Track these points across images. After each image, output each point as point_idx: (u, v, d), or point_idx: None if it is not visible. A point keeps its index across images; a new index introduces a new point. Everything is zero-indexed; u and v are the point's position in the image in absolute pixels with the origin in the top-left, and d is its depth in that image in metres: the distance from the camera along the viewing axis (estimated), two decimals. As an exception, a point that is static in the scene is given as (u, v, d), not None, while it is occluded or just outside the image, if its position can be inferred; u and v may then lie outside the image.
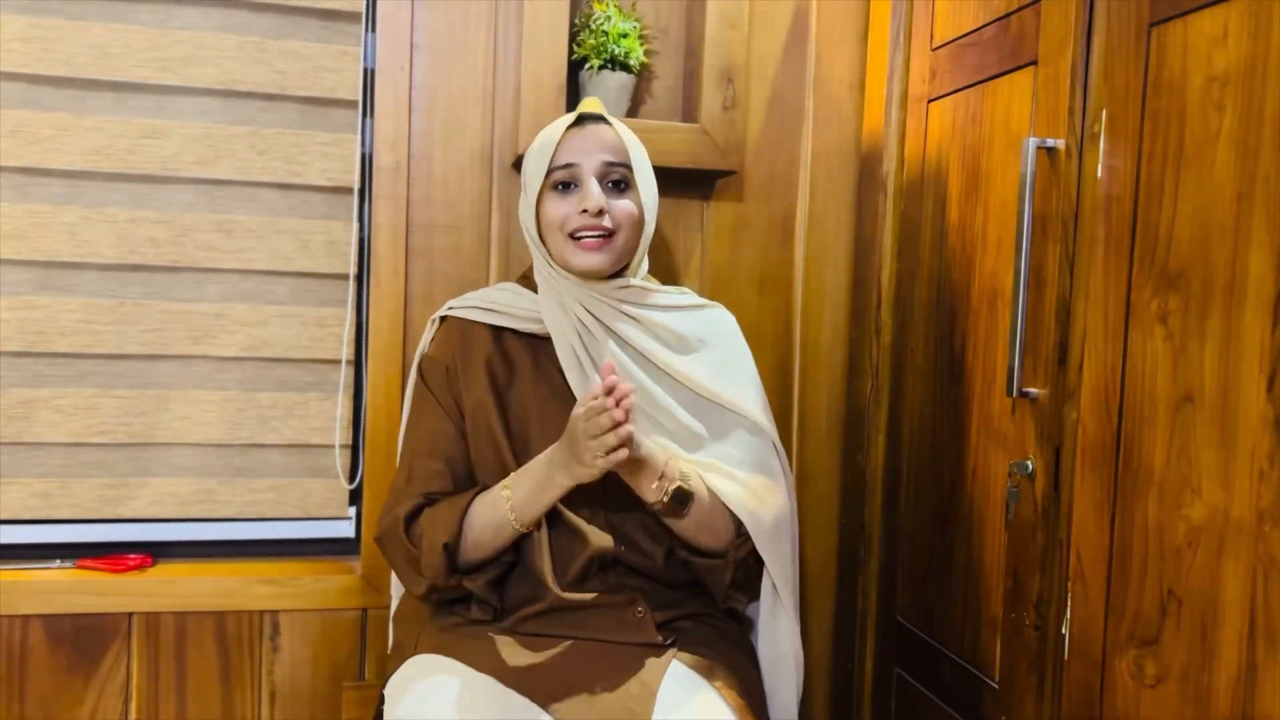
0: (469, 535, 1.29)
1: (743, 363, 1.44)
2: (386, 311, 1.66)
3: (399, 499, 1.34)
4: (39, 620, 1.58)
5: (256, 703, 1.66)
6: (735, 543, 1.32)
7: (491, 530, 1.28)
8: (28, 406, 1.59)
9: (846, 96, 1.82)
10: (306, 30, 1.65)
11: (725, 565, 1.32)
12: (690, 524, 1.28)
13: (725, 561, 1.32)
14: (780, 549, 1.35)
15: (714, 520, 1.30)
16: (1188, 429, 1.04)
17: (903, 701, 1.63)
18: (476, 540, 1.29)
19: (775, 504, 1.34)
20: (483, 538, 1.29)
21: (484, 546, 1.29)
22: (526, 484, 1.27)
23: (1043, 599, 1.26)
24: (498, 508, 1.28)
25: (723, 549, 1.32)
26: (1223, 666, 0.99)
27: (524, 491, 1.27)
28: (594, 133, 1.36)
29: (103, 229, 1.60)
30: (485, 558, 1.30)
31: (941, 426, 1.53)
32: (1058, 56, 1.25)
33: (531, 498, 1.26)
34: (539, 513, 1.28)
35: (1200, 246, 1.03)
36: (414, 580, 1.32)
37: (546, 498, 1.26)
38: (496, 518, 1.28)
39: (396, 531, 1.32)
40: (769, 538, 1.33)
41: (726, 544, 1.32)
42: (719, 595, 1.36)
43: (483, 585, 1.30)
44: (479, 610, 1.31)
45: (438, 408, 1.38)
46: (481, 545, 1.29)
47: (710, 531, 1.31)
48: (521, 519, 1.27)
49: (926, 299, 1.59)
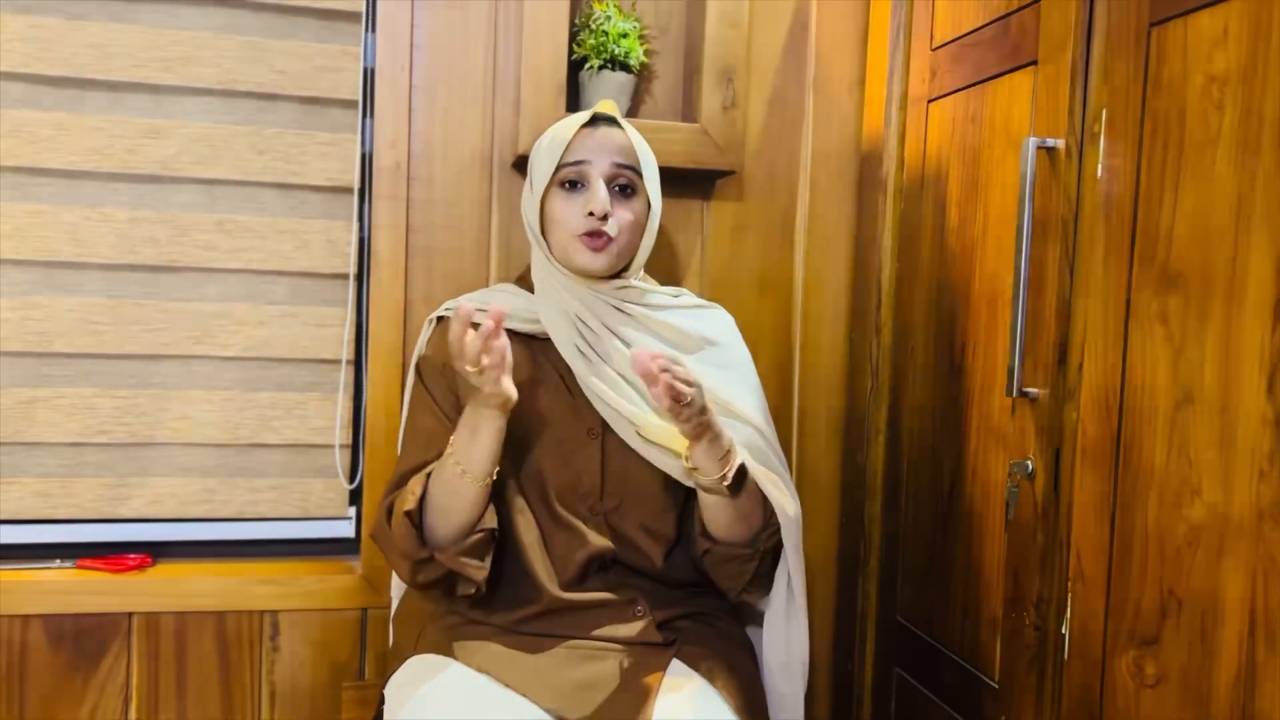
0: (431, 501, 1.26)
1: (744, 366, 1.44)
2: (386, 311, 1.66)
3: (386, 495, 1.34)
4: (39, 620, 1.58)
5: (256, 703, 1.66)
6: (764, 534, 1.32)
7: (448, 491, 1.25)
8: (28, 406, 1.59)
9: (846, 96, 1.82)
10: (306, 30, 1.65)
11: (752, 555, 1.31)
12: (735, 509, 1.28)
13: (753, 551, 1.31)
14: (799, 546, 1.35)
15: (752, 508, 1.30)
16: (1188, 429, 1.04)
17: (903, 701, 1.63)
18: (440, 505, 1.26)
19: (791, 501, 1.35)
20: (442, 500, 1.26)
21: (448, 510, 1.26)
22: (463, 431, 1.25)
23: (1043, 599, 1.26)
24: (445, 463, 1.26)
25: (751, 538, 1.32)
26: (1223, 666, 0.99)
27: (461, 438, 1.25)
28: (606, 135, 1.35)
29: (103, 229, 1.60)
30: (457, 525, 1.26)
31: (941, 426, 1.53)
32: (1058, 56, 1.25)
33: (469, 441, 1.24)
34: (483, 455, 1.24)
35: (1200, 246, 1.03)
36: (400, 565, 1.31)
37: (481, 437, 1.23)
38: (446, 474, 1.25)
39: (380, 521, 1.31)
40: (793, 532, 1.32)
41: (755, 533, 1.32)
42: (735, 588, 1.34)
43: (453, 555, 1.26)
44: (463, 587, 1.29)
45: (434, 408, 1.38)
46: (445, 509, 1.26)
47: (747, 520, 1.30)
48: (467, 466, 1.24)
49: (926, 299, 1.59)
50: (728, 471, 1.24)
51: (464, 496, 1.25)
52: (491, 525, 1.28)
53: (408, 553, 1.27)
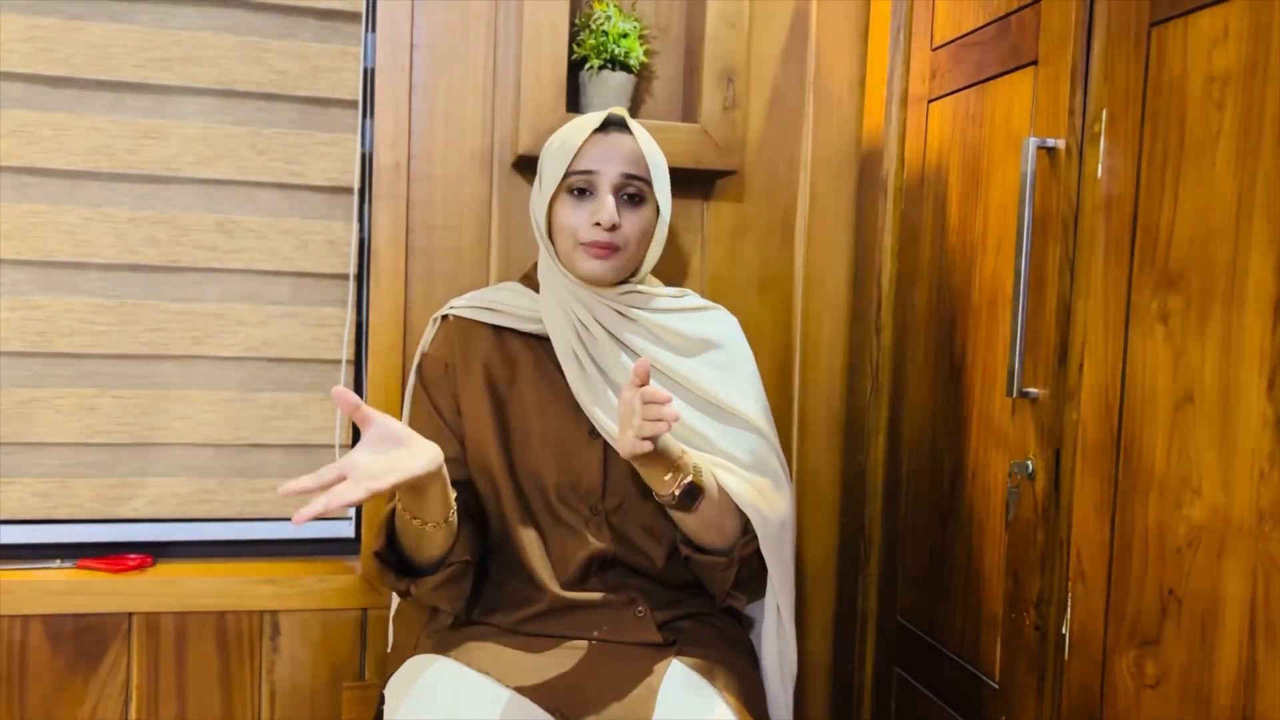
0: (400, 540, 1.26)
1: (746, 367, 1.44)
2: (386, 311, 1.66)
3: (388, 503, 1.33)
4: (39, 620, 1.58)
5: (256, 703, 1.66)
6: (741, 541, 1.32)
7: (412, 534, 1.23)
8: (28, 406, 1.59)
9: (846, 96, 1.82)
10: (306, 30, 1.65)
11: (729, 564, 1.31)
12: (698, 521, 1.27)
13: (729, 560, 1.31)
14: (783, 553, 1.35)
15: (721, 518, 1.30)
16: (1188, 429, 1.04)
17: (903, 701, 1.63)
18: (408, 544, 1.25)
19: (779, 506, 1.34)
20: (409, 541, 1.25)
21: (417, 549, 1.25)
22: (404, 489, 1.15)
23: (1043, 599, 1.26)
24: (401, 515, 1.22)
25: (728, 547, 1.32)
26: (1223, 666, 0.99)
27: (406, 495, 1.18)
28: (617, 142, 1.34)
29: (103, 229, 1.60)
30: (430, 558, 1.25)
31: (941, 427, 1.53)
32: (1058, 56, 1.25)
33: (413, 500, 1.18)
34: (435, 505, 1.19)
35: (1200, 246, 1.03)
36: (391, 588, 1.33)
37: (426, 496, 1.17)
38: (405, 524, 1.22)
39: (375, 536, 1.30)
40: (774, 540, 1.32)
41: (732, 542, 1.32)
42: (719, 594, 1.35)
43: (428, 591, 1.25)
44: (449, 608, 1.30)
45: (432, 409, 1.38)
46: (414, 548, 1.25)
47: (717, 530, 1.30)
48: (423, 518, 1.20)
49: (926, 299, 1.59)
50: (675, 490, 1.22)
51: (429, 538, 1.23)
52: (464, 558, 1.27)
53: (389, 585, 1.30)
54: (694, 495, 1.24)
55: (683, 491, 1.23)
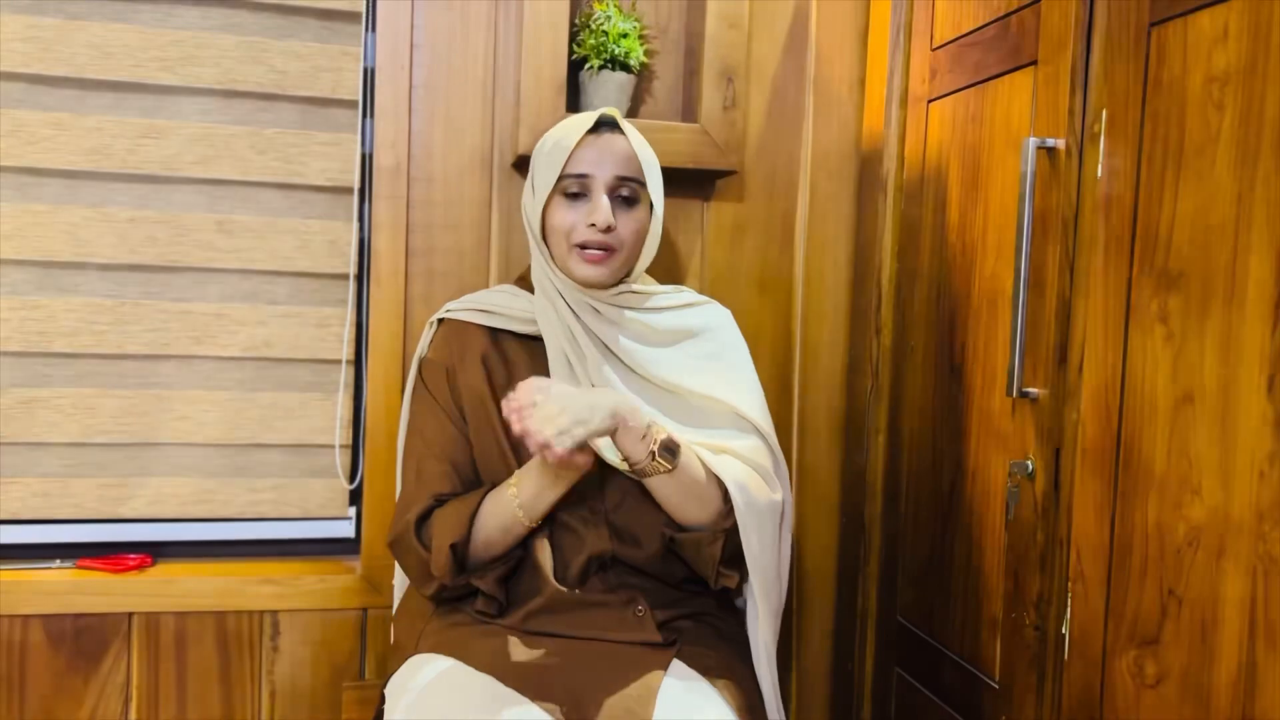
0: (479, 534, 1.30)
1: (733, 355, 1.44)
2: (386, 311, 1.66)
3: (410, 503, 1.34)
4: (39, 620, 1.58)
5: (256, 703, 1.66)
6: (723, 511, 1.32)
7: (500, 529, 1.30)
8: (28, 406, 1.59)
9: (846, 96, 1.82)
10: (306, 30, 1.65)
11: (714, 536, 1.30)
12: (678, 489, 1.28)
13: (714, 533, 1.30)
14: (763, 530, 1.32)
15: (701, 488, 1.30)
16: (1188, 429, 1.04)
17: (903, 701, 1.63)
18: (487, 539, 1.30)
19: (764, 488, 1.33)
20: (492, 536, 1.30)
21: (494, 545, 1.30)
22: (532, 480, 1.28)
23: (1043, 599, 1.26)
24: (506, 505, 1.29)
25: (710, 520, 1.32)
26: (1223, 666, 0.99)
27: (530, 488, 1.28)
28: (609, 143, 1.35)
29: (103, 229, 1.60)
30: (496, 555, 1.31)
31: (941, 426, 1.53)
32: (1058, 56, 1.25)
33: (538, 493, 1.28)
34: (547, 507, 1.29)
35: (1200, 246, 1.03)
36: (425, 581, 1.33)
37: (553, 492, 1.27)
38: (505, 516, 1.29)
39: (408, 535, 1.32)
40: (754, 513, 1.30)
41: (714, 514, 1.32)
42: (710, 575, 1.34)
43: (490, 582, 1.30)
44: (483, 604, 1.31)
45: (439, 411, 1.38)
46: (492, 544, 1.30)
47: (698, 499, 1.30)
48: (530, 514, 1.28)
49: (926, 299, 1.59)
50: (653, 448, 1.25)
51: (514, 534, 1.30)
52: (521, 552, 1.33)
53: (444, 580, 1.30)
54: (673, 450, 1.26)
55: (660, 446, 1.25)
